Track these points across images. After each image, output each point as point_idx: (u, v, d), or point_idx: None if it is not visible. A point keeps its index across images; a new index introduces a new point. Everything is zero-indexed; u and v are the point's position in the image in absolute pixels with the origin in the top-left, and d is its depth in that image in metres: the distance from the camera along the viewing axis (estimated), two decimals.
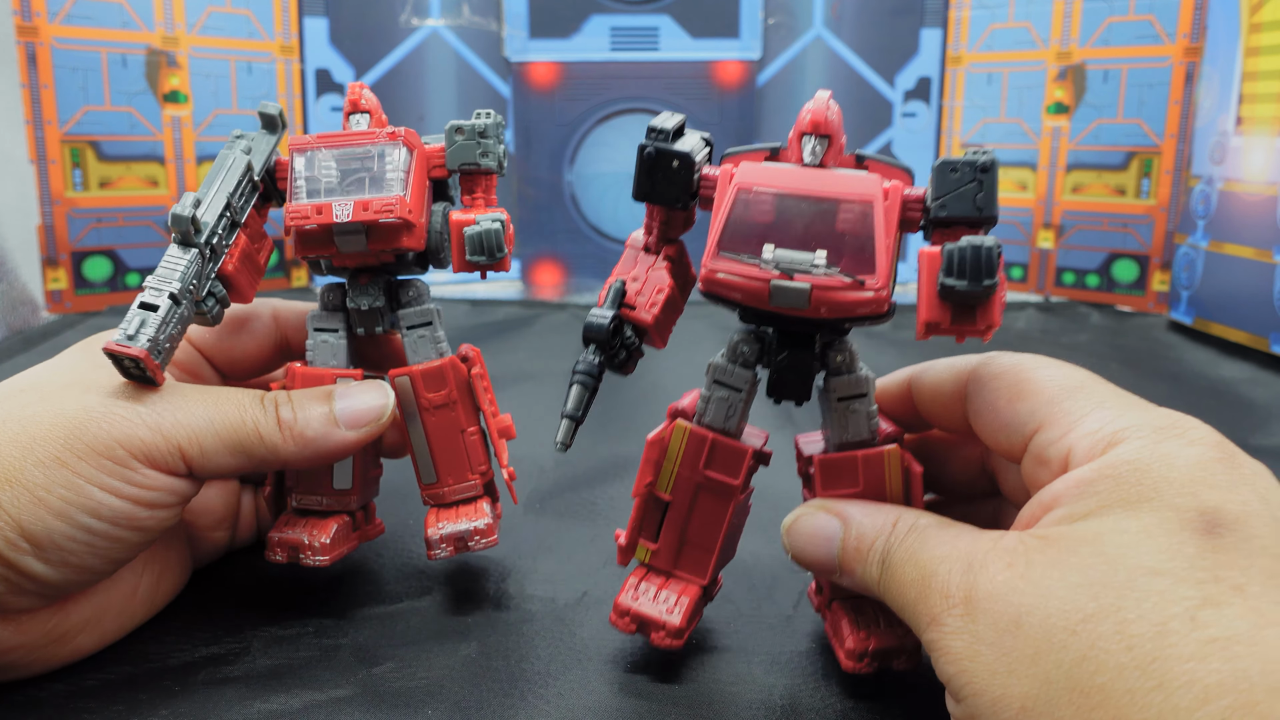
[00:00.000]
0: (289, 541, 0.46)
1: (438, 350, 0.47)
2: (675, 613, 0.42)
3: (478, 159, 0.46)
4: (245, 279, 0.45)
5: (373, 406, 0.44)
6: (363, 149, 0.45)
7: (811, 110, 0.38)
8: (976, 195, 0.37)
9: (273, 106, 0.46)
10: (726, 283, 0.38)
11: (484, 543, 0.47)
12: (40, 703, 0.40)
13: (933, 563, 0.34)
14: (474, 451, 0.48)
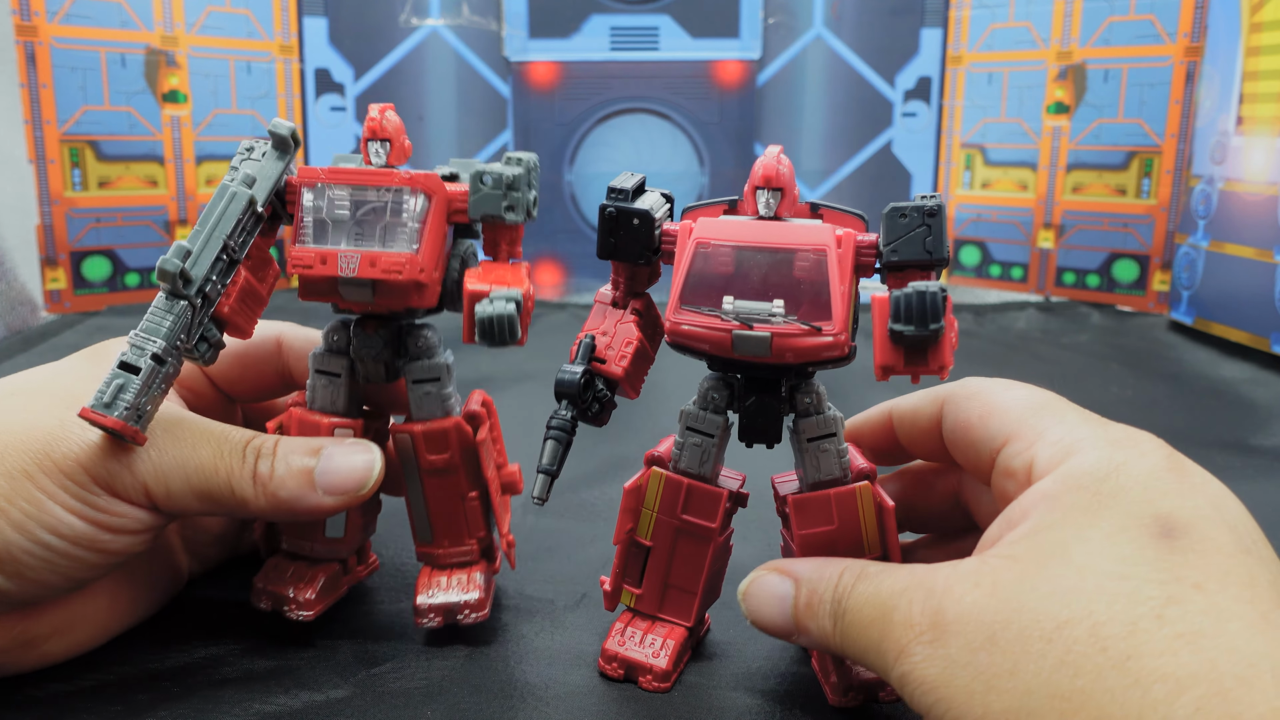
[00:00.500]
0: (274, 592, 0.45)
1: (444, 409, 0.45)
2: (661, 656, 0.42)
3: (502, 212, 0.42)
4: (244, 317, 0.42)
5: (354, 475, 0.41)
6: (377, 191, 0.42)
7: (763, 165, 0.40)
8: (926, 239, 0.38)
9: (284, 126, 0.42)
10: (691, 334, 0.39)
11: (474, 617, 0.44)
12: (38, 702, 0.40)
13: (891, 597, 0.34)
14: (473, 518, 0.46)
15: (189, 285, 0.39)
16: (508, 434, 0.56)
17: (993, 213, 1.30)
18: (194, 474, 0.39)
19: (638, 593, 0.44)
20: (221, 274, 0.40)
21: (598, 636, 0.45)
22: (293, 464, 0.41)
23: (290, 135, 0.42)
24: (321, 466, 0.41)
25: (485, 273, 0.42)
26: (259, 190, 0.41)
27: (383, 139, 0.43)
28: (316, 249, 0.41)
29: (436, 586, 0.45)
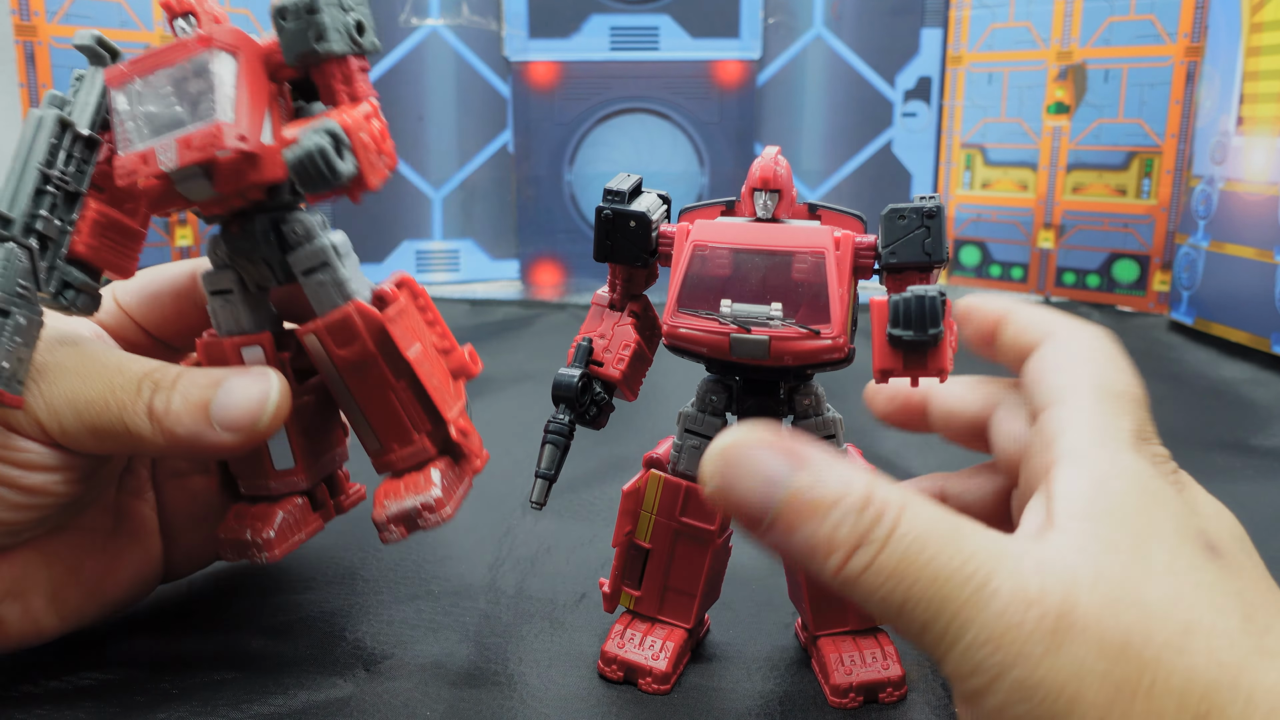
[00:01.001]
0: (234, 540, 0.41)
1: (342, 294, 0.39)
2: (661, 658, 0.42)
3: (313, 44, 0.36)
4: (111, 253, 0.38)
5: (249, 408, 0.38)
6: (178, 67, 0.36)
7: (761, 166, 0.40)
8: (925, 241, 0.38)
9: (87, 36, 0.37)
10: (689, 337, 0.39)
11: (434, 519, 0.40)
12: (36, 700, 0.40)
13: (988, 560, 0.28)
14: (411, 409, 0.40)
15: (8, 225, 0.35)
16: (505, 436, 0.56)
17: (993, 213, 1.30)
18: (84, 409, 0.37)
19: (637, 595, 0.44)
20: (57, 210, 0.36)
21: (597, 638, 0.45)
22: (190, 397, 0.38)
23: (96, 43, 0.38)
24: (218, 400, 0.38)
25: (310, 121, 0.36)
26: (76, 110, 0.37)
27: (183, 13, 0.37)
28: (138, 151, 0.36)
29: (392, 495, 0.40)
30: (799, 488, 0.30)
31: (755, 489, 0.30)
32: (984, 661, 0.28)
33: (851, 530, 0.29)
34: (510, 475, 0.65)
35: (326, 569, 0.52)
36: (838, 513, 0.29)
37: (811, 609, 0.43)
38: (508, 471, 0.66)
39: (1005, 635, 0.27)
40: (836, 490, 0.29)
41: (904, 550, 0.28)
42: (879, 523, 0.29)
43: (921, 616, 0.28)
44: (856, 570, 0.29)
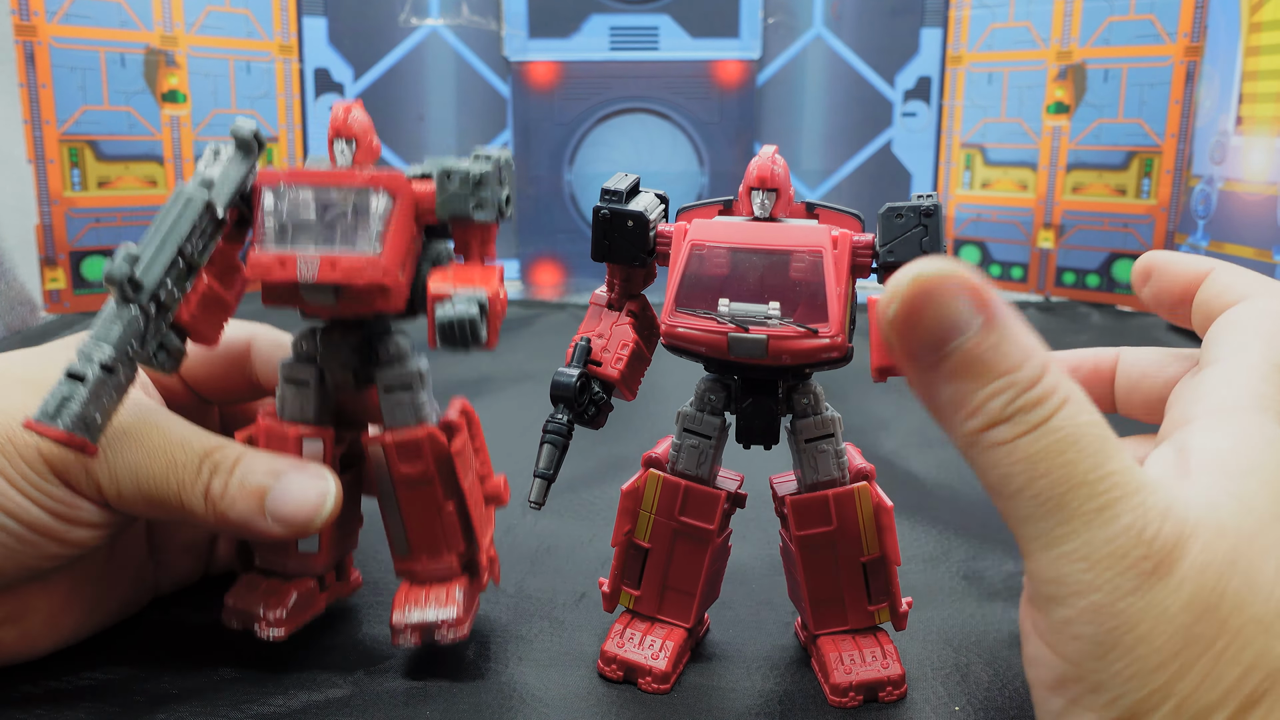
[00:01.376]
0: (243, 610, 0.42)
1: (417, 417, 0.42)
2: (661, 658, 0.42)
3: (470, 211, 0.40)
4: (206, 325, 0.40)
5: (304, 509, 0.39)
6: (339, 191, 0.40)
7: (758, 165, 0.40)
8: (922, 239, 0.38)
9: (246, 128, 0.40)
10: (687, 336, 0.39)
11: (452, 636, 0.42)
12: (36, 701, 0.40)
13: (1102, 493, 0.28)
14: (450, 531, 0.43)
15: (139, 292, 0.37)
16: (505, 436, 0.56)
17: (993, 213, 1.30)
18: (145, 480, 0.39)
19: (636, 594, 0.44)
20: (178, 280, 0.39)
21: (597, 638, 0.45)
22: (247, 484, 0.39)
23: (253, 136, 0.40)
24: (274, 494, 0.39)
25: (453, 274, 0.40)
26: (218, 194, 0.39)
27: (348, 138, 0.41)
28: (276, 253, 0.39)
29: (413, 603, 0.43)
30: (979, 344, 0.29)
31: (936, 329, 0.29)
32: (1071, 575, 0.28)
33: (1007, 405, 0.29)
34: (510, 475, 0.65)
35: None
36: (1003, 383, 0.29)
37: (811, 608, 0.43)
38: (507, 471, 0.66)
39: (1104, 560, 0.27)
40: (1013, 360, 0.29)
41: (1048, 444, 0.28)
42: (1037, 407, 0.28)
43: (1031, 509, 0.28)
44: (992, 441, 0.29)
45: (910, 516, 0.60)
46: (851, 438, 0.45)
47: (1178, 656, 0.27)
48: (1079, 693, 0.29)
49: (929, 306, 0.29)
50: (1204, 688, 0.27)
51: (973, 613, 0.48)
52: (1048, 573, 0.29)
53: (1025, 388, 0.29)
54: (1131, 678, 0.28)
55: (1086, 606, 0.28)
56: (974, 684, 0.42)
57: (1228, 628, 0.27)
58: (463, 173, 0.40)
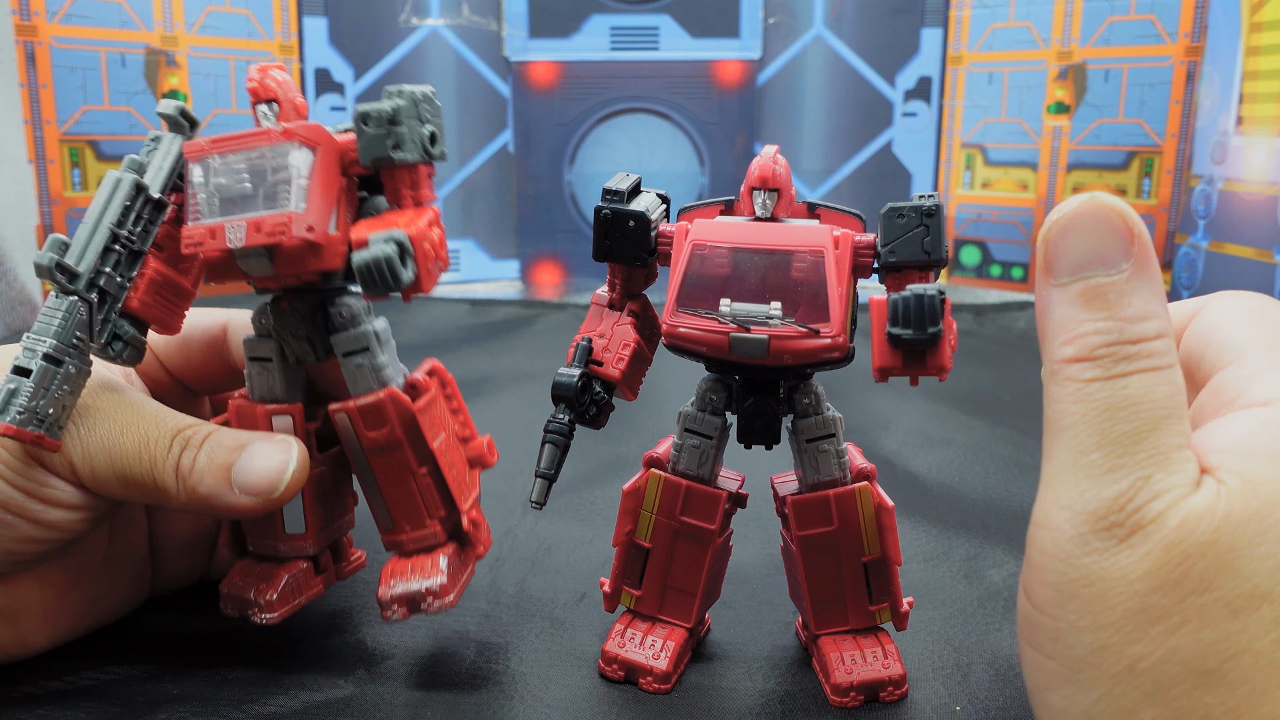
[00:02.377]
0: (237, 596, 0.42)
1: (379, 380, 0.41)
2: (662, 658, 0.42)
3: (389, 152, 0.38)
4: (162, 310, 0.40)
5: (267, 476, 0.39)
6: (258, 151, 0.38)
7: (759, 165, 0.40)
8: (924, 240, 0.38)
9: (171, 105, 0.39)
10: (688, 336, 0.39)
11: (438, 604, 0.41)
12: (36, 700, 0.40)
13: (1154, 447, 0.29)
14: (428, 496, 0.42)
15: (74, 280, 0.37)
16: (506, 436, 0.56)
17: (993, 213, 1.30)
18: (118, 459, 0.38)
19: (637, 594, 0.44)
20: (120, 267, 0.38)
21: (598, 638, 0.45)
22: (215, 458, 0.39)
23: (178, 113, 0.39)
24: (239, 464, 0.39)
25: (377, 221, 0.38)
26: (150, 174, 0.39)
27: (268, 100, 0.39)
28: (206, 224, 0.38)
29: (399, 575, 0.41)
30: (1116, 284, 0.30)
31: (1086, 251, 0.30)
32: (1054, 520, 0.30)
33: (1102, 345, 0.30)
34: (510, 475, 0.65)
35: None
36: (1112, 325, 0.30)
37: (812, 608, 0.43)
38: (508, 471, 0.66)
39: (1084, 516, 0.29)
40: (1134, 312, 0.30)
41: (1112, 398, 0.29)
42: (1125, 361, 0.30)
43: (1064, 452, 0.30)
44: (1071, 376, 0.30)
45: (911, 516, 0.60)
46: (853, 438, 0.45)
47: (1131, 620, 0.28)
48: (1041, 639, 0.30)
49: (1092, 229, 0.30)
50: (1160, 657, 0.28)
51: (974, 613, 0.48)
52: (1040, 514, 0.30)
53: (1129, 339, 0.30)
54: (1084, 629, 0.29)
55: (1056, 553, 0.30)
56: (975, 684, 0.42)
57: (1185, 605, 0.28)
58: (376, 112, 0.38)
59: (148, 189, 0.39)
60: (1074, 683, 0.29)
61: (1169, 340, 0.30)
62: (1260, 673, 0.27)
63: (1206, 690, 0.28)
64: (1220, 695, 0.28)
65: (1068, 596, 0.29)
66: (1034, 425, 0.77)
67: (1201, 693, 0.28)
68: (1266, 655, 0.27)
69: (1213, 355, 0.34)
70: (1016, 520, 0.60)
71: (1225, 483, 0.29)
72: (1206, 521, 0.28)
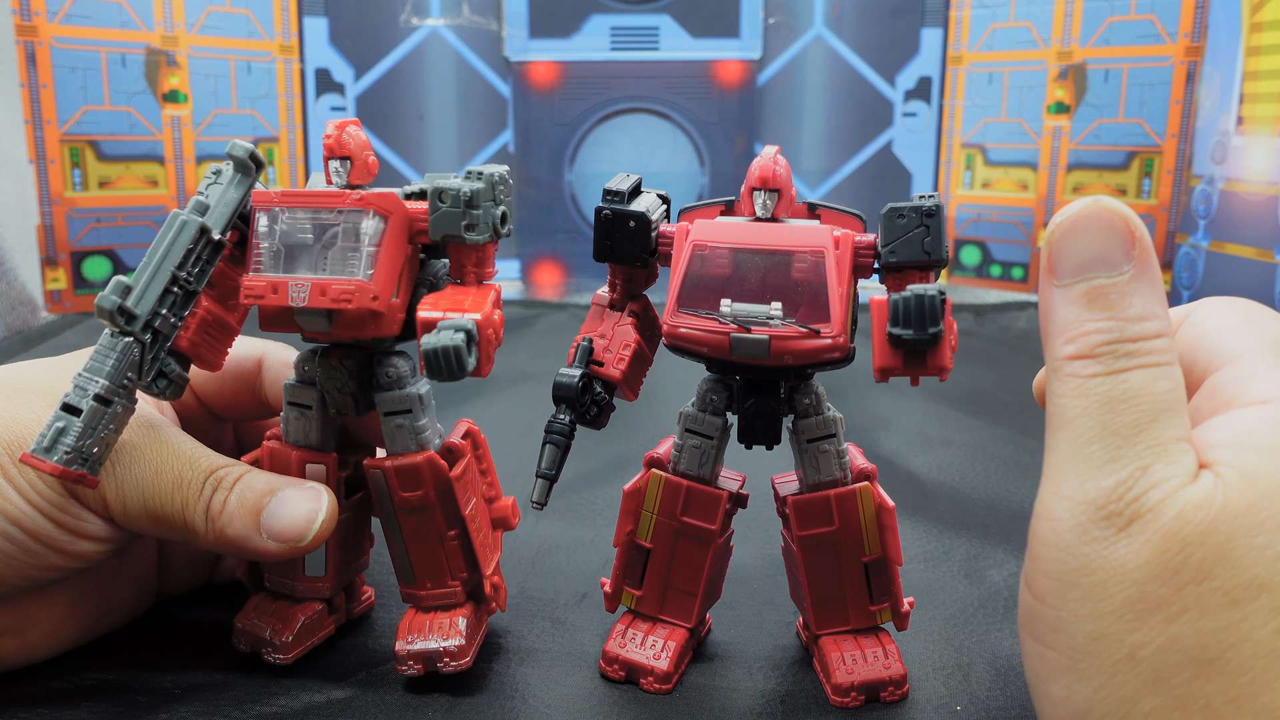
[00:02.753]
0: (251, 634, 0.43)
1: (418, 443, 0.41)
2: (663, 658, 0.42)
3: (462, 232, 0.39)
4: (208, 349, 0.40)
5: (296, 525, 0.39)
6: (331, 214, 0.39)
7: (760, 166, 0.40)
8: (924, 240, 0.38)
9: (242, 148, 0.39)
10: (689, 337, 0.39)
11: (454, 666, 0.41)
12: (37, 701, 0.40)
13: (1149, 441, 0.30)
14: (453, 558, 0.43)
15: (133, 322, 0.37)
16: (506, 436, 0.56)
17: (993, 213, 1.30)
18: (151, 498, 0.39)
19: (638, 594, 0.44)
20: (175, 307, 0.38)
21: (598, 638, 0.45)
22: (245, 501, 0.39)
23: (249, 157, 0.39)
24: (269, 510, 0.40)
25: (444, 298, 0.39)
26: (214, 217, 0.39)
27: (342, 156, 0.40)
28: (269, 278, 0.39)
29: (417, 631, 0.42)
30: (1117, 285, 0.31)
31: (1089, 253, 0.31)
32: (1055, 510, 0.30)
33: (1102, 344, 0.31)
34: (511, 475, 0.65)
35: None
36: (1112, 324, 0.31)
37: (813, 608, 0.43)
38: (509, 471, 0.66)
39: (1084, 505, 0.30)
40: (1133, 312, 0.31)
41: (1112, 392, 0.30)
42: (1125, 358, 0.30)
43: (1065, 445, 0.31)
44: (1073, 372, 0.31)
45: (911, 516, 0.60)
46: (853, 438, 0.45)
47: (1131, 609, 0.28)
48: (1042, 630, 0.31)
49: (1094, 232, 0.31)
50: (1160, 645, 0.28)
51: (974, 613, 0.48)
52: (1041, 505, 0.31)
53: (1128, 338, 0.31)
54: (1084, 618, 0.29)
55: (1056, 543, 0.30)
56: (975, 684, 0.42)
57: (1184, 594, 0.28)
58: (454, 192, 0.39)
59: (210, 232, 0.39)
60: (1074, 672, 0.30)
61: (1169, 340, 0.31)
62: (1260, 661, 0.27)
63: (1207, 679, 0.28)
64: (1221, 684, 0.28)
65: (1068, 586, 0.30)
66: (1034, 425, 0.78)
67: (1202, 681, 0.28)
68: (1266, 644, 0.27)
69: (1204, 359, 0.35)
70: (1017, 520, 0.60)
71: (1223, 475, 0.29)
72: (1204, 512, 0.28)
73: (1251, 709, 0.27)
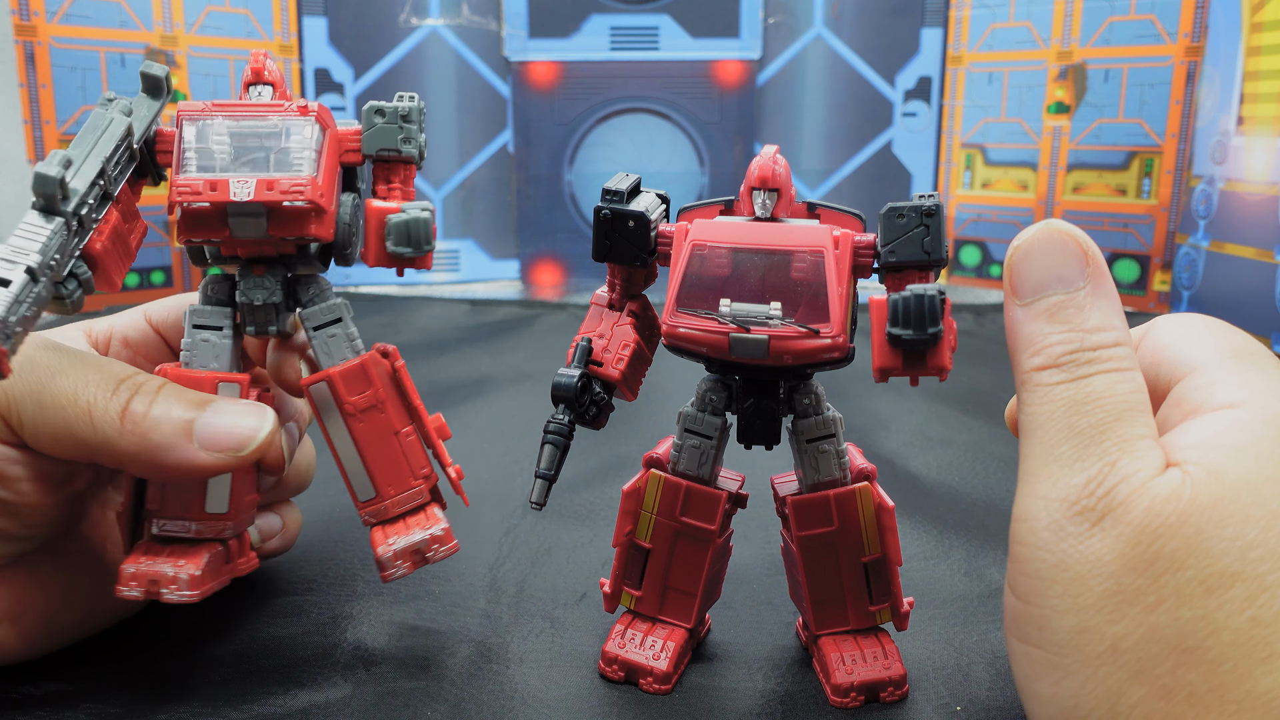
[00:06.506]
0: (147, 575, 0.39)
1: (353, 348, 0.42)
2: (662, 658, 0.42)
3: (399, 144, 0.41)
4: (113, 261, 0.39)
5: (237, 432, 0.38)
6: (268, 122, 0.39)
7: (759, 165, 0.40)
8: (924, 240, 0.38)
9: (157, 67, 0.39)
10: (688, 337, 0.39)
11: (444, 551, 0.41)
12: (36, 701, 0.40)
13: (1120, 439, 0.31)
14: (413, 454, 0.42)
15: (66, 201, 0.36)
16: (505, 436, 0.56)
17: (993, 213, 1.30)
18: (49, 401, 0.36)
19: (637, 595, 0.44)
20: (96, 203, 0.37)
21: (598, 638, 0.45)
22: (173, 408, 0.37)
23: (164, 78, 0.39)
24: (205, 418, 0.37)
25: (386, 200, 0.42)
26: (138, 126, 0.39)
27: (266, 83, 0.41)
28: (205, 177, 0.38)
29: (395, 533, 0.41)
30: (1075, 299, 0.33)
31: (1047, 273, 0.34)
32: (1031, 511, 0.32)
33: (1065, 353, 0.33)
34: (510, 475, 0.65)
35: (327, 570, 0.52)
36: (1072, 335, 0.33)
37: (813, 608, 0.43)
38: (508, 472, 0.66)
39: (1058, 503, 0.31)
40: (1092, 324, 0.33)
41: (1077, 395, 0.32)
42: (1086, 365, 0.32)
43: (1038, 449, 0.32)
44: (1040, 382, 0.33)
45: (911, 516, 0.60)
46: (853, 438, 0.45)
47: (1109, 601, 0.29)
48: (1027, 629, 0.32)
49: (1051, 253, 0.34)
50: (1141, 636, 0.29)
51: (974, 612, 0.48)
52: (1018, 509, 0.32)
53: (1088, 346, 0.32)
54: (1066, 613, 0.30)
55: (1034, 542, 0.31)
56: (976, 684, 0.42)
57: (1160, 584, 0.29)
58: (392, 108, 0.42)
59: (133, 135, 0.39)
60: (1060, 668, 0.30)
61: (1128, 348, 0.33)
62: (1240, 650, 0.28)
63: (1189, 668, 0.28)
64: (1203, 673, 0.28)
65: (1048, 583, 0.31)
66: None
67: (1184, 670, 0.28)
68: (1244, 632, 0.28)
69: (1166, 371, 0.36)
70: None
71: (1190, 473, 0.30)
72: (1173, 504, 0.29)
73: (1234, 696, 0.28)
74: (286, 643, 0.45)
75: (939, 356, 0.37)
